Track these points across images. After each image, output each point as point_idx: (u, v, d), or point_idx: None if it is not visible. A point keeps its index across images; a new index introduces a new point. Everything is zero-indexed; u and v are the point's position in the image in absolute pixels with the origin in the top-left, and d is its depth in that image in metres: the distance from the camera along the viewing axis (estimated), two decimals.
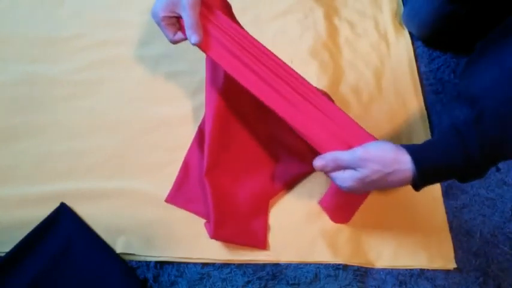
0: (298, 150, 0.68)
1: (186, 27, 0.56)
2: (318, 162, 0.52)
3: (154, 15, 0.58)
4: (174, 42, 0.60)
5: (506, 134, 0.46)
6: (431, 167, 0.47)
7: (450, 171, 0.48)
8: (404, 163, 0.48)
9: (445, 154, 0.47)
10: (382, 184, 0.49)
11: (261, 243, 0.64)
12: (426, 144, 0.49)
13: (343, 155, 0.50)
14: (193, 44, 0.57)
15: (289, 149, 0.70)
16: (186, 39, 0.58)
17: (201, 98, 0.77)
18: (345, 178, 0.50)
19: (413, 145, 0.49)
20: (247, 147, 0.71)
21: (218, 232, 0.62)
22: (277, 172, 0.70)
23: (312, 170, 0.70)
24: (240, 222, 0.65)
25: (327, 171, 0.52)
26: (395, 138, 0.75)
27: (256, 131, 0.71)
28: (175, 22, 0.59)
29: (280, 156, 0.71)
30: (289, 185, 0.69)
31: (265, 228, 0.66)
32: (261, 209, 0.67)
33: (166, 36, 0.60)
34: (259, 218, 0.66)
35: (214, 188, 0.65)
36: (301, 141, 0.57)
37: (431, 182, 0.50)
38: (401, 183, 0.49)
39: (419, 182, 0.48)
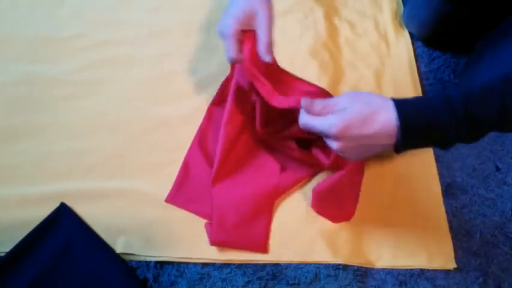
0: (302, 159, 0.69)
1: (260, 44, 0.54)
2: (306, 101, 0.49)
3: (224, 28, 0.55)
4: (235, 60, 0.57)
5: (488, 111, 0.46)
6: (415, 115, 0.46)
7: (433, 126, 0.46)
8: (389, 106, 0.46)
9: (430, 109, 0.46)
10: (368, 131, 0.47)
11: (262, 247, 0.64)
12: (413, 98, 0.48)
13: (332, 99, 0.50)
14: (266, 62, 0.55)
15: (294, 158, 0.70)
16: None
17: (201, 98, 0.78)
18: (332, 122, 0.47)
19: (399, 98, 0.48)
20: (252, 153, 0.71)
21: (218, 238, 0.63)
22: (281, 177, 0.69)
23: (314, 173, 0.70)
24: (242, 229, 0.65)
25: (312, 112, 0.49)
26: None
27: (262, 141, 0.71)
28: (242, 38, 0.56)
29: (285, 163, 0.71)
30: (292, 187, 0.69)
31: (267, 232, 0.65)
32: (265, 213, 0.67)
33: (229, 53, 0.56)
34: (261, 222, 0.66)
35: (218, 195, 0.66)
36: (305, 153, 0.58)
37: (413, 138, 0.47)
38: (384, 133, 0.47)
39: (402, 132, 0.46)
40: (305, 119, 0.50)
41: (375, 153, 0.51)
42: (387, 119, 0.46)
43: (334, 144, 0.48)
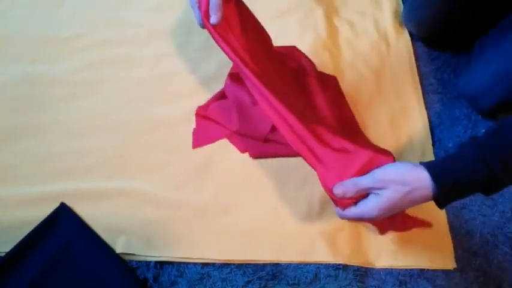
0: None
1: (210, 7, 0.56)
2: (338, 189, 0.50)
3: None
4: (202, 26, 0.59)
5: None
6: (451, 182, 0.46)
7: (471, 185, 0.46)
8: (423, 180, 0.47)
9: (465, 168, 0.46)
10: (405, 204, 0.48)
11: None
12: (445, 158, 0.48)
13: (362, 179, 0.49)
14: (212, 24, 0.56)
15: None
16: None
17: (201, 98, 0.78)
18: (370, 207, 0.49)
19: (432, 161, 0.48)
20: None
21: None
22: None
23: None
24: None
25: (348, 197, 0.50)
26: (396, 138, 0.75)
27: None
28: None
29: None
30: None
31: None
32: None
33: (197, 18, 0.58)
34: None
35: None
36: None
37: (454, 197, 0.48)
38: (422, 201, 0.48)
39: (440, 198, 0.47)
40: (342, 214, 0.51)
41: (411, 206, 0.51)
42: (425, 195, 0.48)
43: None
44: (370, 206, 0.49)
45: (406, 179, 0.47)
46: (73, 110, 0.76)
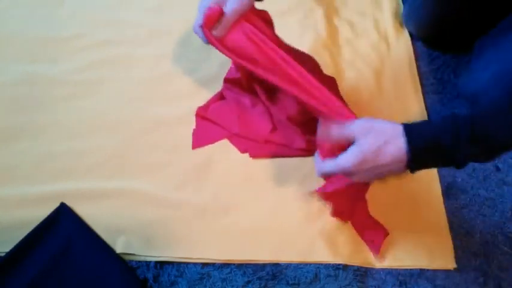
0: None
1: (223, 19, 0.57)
2: (322, 132, 0.55)
3: (196, 23, 0.59)
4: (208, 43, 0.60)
5: (498, 131, 0.47)
6: (421, 141, 0.48)
7: (438, 149, 0.48)
8: (398, 135, 0.49)
9: (436, 130, 0.48)
10: (379, 160, 0.49)
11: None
12: (423, 121, 0.51)
13: (348, 123, 0.52)
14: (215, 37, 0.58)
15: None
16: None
17: (201, 98, 0.78)
18: (347, 157, 0.50)
19: (410, 122, 0.51)
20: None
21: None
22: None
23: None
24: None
25: (330, 143, 0.54)
26: None
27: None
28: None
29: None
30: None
31: None
32: None
33: (202, 39, 0.60)
34: None
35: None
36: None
37: (422, 161, 0.50)
38: (394, 160, 0.49)
39: (410, 158, 0.48)
40: (321, 167, 0.54)
41: (387, 176, 0.53)
42: (397, 148, 0.49)
43: (353, 178, 0.52)
44: (346, 156, 0.51)
45: (384, 131, 0.50)
46: (73, 110, 0.76)
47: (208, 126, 0.75)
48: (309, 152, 0.71)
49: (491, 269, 0.65)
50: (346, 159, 0.51)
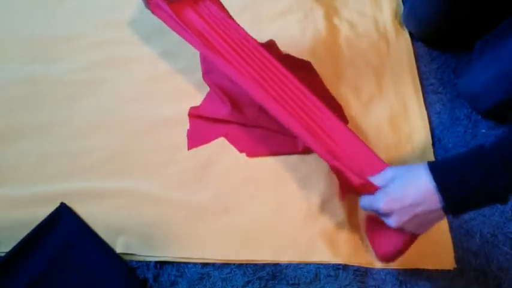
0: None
1: None
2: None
3: None
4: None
5: None
6: (448, 173, 0.47)
7: (469, 181, 0.46)
8: (422, 172, 0.49)
9: (462, 161, 0.47)
10: (410, 200, 0.49)
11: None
12: (448, 158, 0.49)
13: (379, 176, 0.54)
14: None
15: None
16: None
17: (201, 97, 0.78)
18: (378, 199, 0.52)
19: (438, 169, 0.48)
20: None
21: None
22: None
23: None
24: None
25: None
26: (396, 138, 0.75)
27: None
28: None
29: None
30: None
31: None
32: None
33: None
34: None
35: None
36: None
37: (456, 195, 0.47)
38: (425, 195, 0.48)
39: (442, 193, 0.47)
40: (364, 202, 0.55)
41: (434, 221, 0.51)
42: (423, 183, 0.48)
43: (390, 222, 0.51)
44: (378, 195, 0.52)
45: (410, 171, 0.51)
46: (73, 110, 0.76)
47: (202, 125, 0.75)
48: (302, 145, 0.71)
49: (491, 269, 0.65)
50: (377, 197, 0.52)
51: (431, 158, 0.73)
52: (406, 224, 0.51)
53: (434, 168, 0.48)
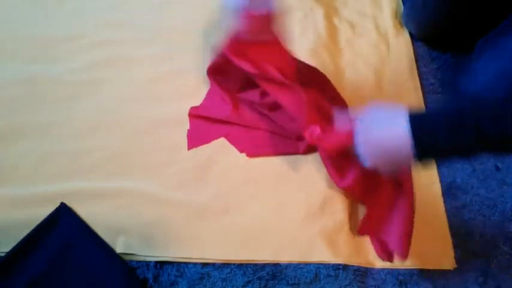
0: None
1: None
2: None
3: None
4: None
5: (503, 133, 0.46)
6: (423, 116, 0.48)
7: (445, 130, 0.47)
8: (400, 113, 0.49)
9: (441, 116, 0.47)
10: (382, 132, 0.50)
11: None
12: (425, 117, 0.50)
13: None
14: None
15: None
16: None
17: (202, 98, 0.78)
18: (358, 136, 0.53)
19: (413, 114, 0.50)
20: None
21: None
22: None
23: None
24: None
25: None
26: None
27: None
28: None
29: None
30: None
31: None
32: None
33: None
34: None
35: None
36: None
37: (426, 138, 0.48)
38: (396, 132, 0.48)
39: (413, 137, 0.47)
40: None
41: (398, 162, 0.51)
42: (398, 124, 0.48)
43: (361, 154, 0.53)
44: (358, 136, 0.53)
45: (387, 108, 0.51)
46: (73, 110, 0.76)
47: (202, 125, 0.75)
48: (303, 146, 0.72)
49: (491, 269, 0.65)
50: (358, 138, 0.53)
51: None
52: (371, 157, 0.52)
53: (413, 121, 0.48)
